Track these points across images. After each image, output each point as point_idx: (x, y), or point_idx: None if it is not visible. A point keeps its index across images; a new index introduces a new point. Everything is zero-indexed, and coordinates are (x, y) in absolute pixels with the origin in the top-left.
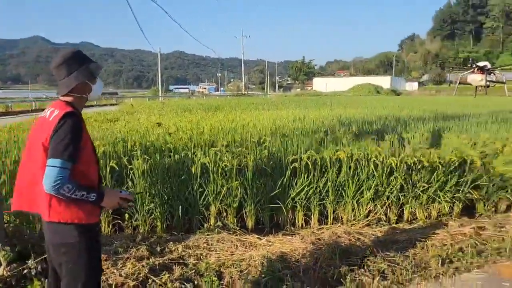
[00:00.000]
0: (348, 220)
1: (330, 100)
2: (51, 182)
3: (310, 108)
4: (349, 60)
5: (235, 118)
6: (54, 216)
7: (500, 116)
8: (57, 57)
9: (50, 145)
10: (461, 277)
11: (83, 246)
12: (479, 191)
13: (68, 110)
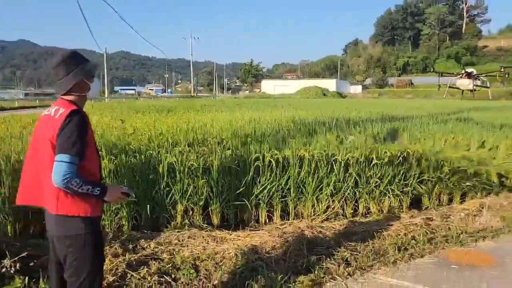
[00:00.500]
0: (308, 216)
1: (280, 102)
2: (61, 177)
3: (263, 110)
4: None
5: (191, 120)
6: (62, 209)
7: (440, 118)
8: (56, 57)
9: (58, 141)
10: (416, 262)
11: (88, 238)
12: (425, 185)
13: (74, 108)
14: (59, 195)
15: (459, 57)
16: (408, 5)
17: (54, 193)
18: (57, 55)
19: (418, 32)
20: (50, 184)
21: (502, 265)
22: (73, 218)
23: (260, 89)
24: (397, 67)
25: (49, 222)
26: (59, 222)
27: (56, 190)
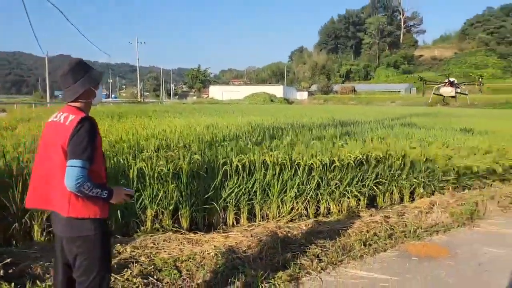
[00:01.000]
0: (274, 217)
1: (231, 108)
2: (74, 181)
3: (217, 116)
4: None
5: (147, 125)
6: (73, 212)
7: (386, 123)
8: (63, 66)
9: (69, 147)
10: (380, 255)
11: (98, 238)
12: (381, 186)
13: (83, 115)
14: (71, 198)
15: (398, 65)
16: (349, 15)
17: (65, 196)
18: (64, 64)
19: (359, 41)
20: (61, 188)
21: (455, 256)
22: (84, 220)
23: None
24: (341, 74)
25: (58, 224)
26: (70, 224)
27: (68, 193)
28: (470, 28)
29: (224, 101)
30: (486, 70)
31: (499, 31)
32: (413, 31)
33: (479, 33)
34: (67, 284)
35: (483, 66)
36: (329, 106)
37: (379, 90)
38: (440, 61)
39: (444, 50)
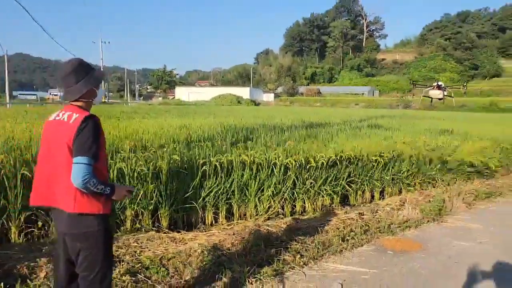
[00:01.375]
0: (251, 216)
1: (200, 109)
2: (80, 177)
3: (186, 117)
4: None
5: (118, 126)
6: (78, 208)
7: (353, 125)
8: (66, 66)
9: (74, 144)
10: (358, 250)
11: (101, 234)
12: (353, 185)
13: (88, 113)
14: (76, 195)
15: (361, 68)
16: (314, 19)
17: (71, 193)
18: (64, 64)
19: (324, 44)
20: (66, 185)
21: (427, 249)
22: (88, 216)
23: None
24: (306, 77)
25: (62, 221)
26: (74, 220)
27: (74, 190)
28: (429, 33)
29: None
30: (444, 74)
31: (456, 37)
32: (375, 36)
33: (437, 39)
34: (68, 280)
35: (442, 70)
36: (296, 107)
37: (343, 92)
38: (401, 64)
39: (405, 54)
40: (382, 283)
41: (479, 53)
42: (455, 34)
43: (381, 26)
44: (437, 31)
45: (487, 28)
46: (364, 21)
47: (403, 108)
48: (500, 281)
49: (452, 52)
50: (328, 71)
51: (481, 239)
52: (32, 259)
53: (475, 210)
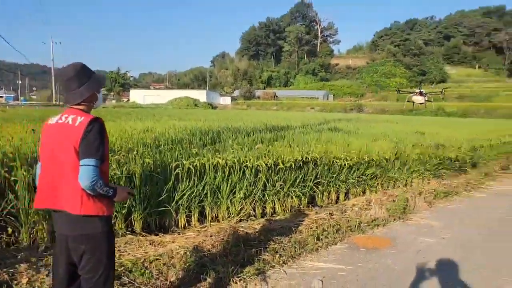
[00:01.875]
0: (223, 218)
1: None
2: (89, 179)
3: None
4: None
5: None
6: (85, 210)
7: (314, 128)
8: (68, 70)
9: (81, 147)
10: (332, 248)
11: (105, 235)
12: (320, 186)
13: (93, 116)
14: (83, 197)
15: (316, 72)
16: (270, 23)
17: (77, 195)
18: (66, 67)
19: (279, 49)
20: (72, 187)
21: (396, 246)
22: (94, 218)
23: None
24: (262, 80)
25: (65, 223)
26: (79, 222)
27: (80, 192)
28: (380, 40)
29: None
30: (395, 79)
31: (404, 44)
32: (329, 41)
33: (388, 45)
34: (68, 282)
35: (392, 76)
36: (253, 111)
37: (299, 96)
38: (354, 69)
39: (357, 59)
40: (358, 279)
41: (426, 60)
42: (404, 41)
43: (335, 32)
44: (387, 38)
45: (433, 36)
46: (318, 26)
47: (357, 112)
48: (463, 271)
49: (401, 58)
50: (284, 75)
51: (444, 235)
52: (10, 265)
53: (436, 209)
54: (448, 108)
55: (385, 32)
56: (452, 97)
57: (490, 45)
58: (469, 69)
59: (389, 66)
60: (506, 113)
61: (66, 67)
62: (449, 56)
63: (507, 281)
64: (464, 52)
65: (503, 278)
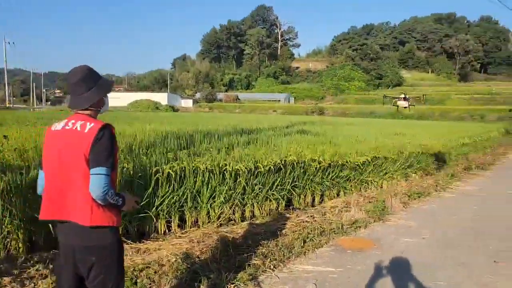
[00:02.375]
0: (204, 223)
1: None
2: (101, 189)
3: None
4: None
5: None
6: (95, 221)
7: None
8: (75, 73)
9: (92, 154)
10: (319, 250)
11: (115, 246)
12: (297, 189)
13: (103, 122)
14: (93, 207)
15: (277, 76)
16: (231, 26)
17: (87, 205)
18: (74, 71)
19: (241, 51)
20: (82, 197)
21: (380, 247)
22: (104, 228)
23: None
24: (224, 83)
25: (73, 234)
26: (89, 233)
27: (90, 202)
28: (338, 44)
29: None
30: (353, 82)
31: (362, 48)
32: (289, 44)
33: (346, 49)
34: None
35: (351, 79)
36: (217, 114)
37: (261, 99)
38: (314, 73)
39: (317, 63)
40: (350, 281)
41: (383, 64)
42: (362, 45)
43: (295, 36)
44: (345, 42)
45: (389, 41)
46: (278, 30)
47: (318, 115)
48: (447, 270)
49: (359, 62)
50: (246, 78)
51: (423, 235)
52: None
53: (411, 209)
54: (404, 111)
55: (343, 37)
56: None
57: (442, 50)
58: (423, 73)
59: (348, 70)
60: (458, 116)
61: (73, 70)
62: (404, 60)
63: (492, 279)
64: (418, 57)
65: (488, 276)
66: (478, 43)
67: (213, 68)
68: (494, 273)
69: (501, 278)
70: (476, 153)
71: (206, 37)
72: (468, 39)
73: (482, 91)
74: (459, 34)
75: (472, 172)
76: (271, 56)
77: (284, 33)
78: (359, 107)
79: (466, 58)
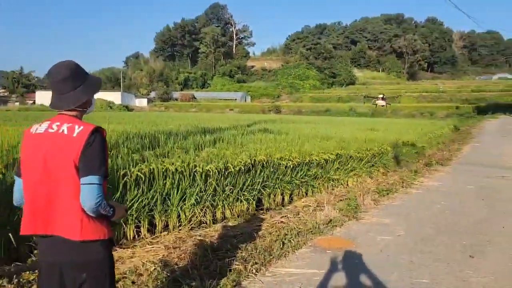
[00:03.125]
0: (174, 227)
1: None
2: (93, 200)
3: None
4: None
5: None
6: (85, 235)
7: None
8: (61, 69)
9: (82, 162)
10: (299, 252)
11: (107, 261)
12: (267, 189)
13: (94, 125)
14: (83, 220)
15: (233, 74)
16: (185, 24)
17: (77, 218)
18: (58, 66)
19: (196, 50)
20: (70, 209)
21: (359, 246)
22: (95, 242)
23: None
24: (179, 82)
25: (61, 250)
26: (78, 248)
27: (80, 214)
28: (292, 43)
29: None
30: (308, 81)
31: (316, 47)
32: (244, 43)
33: (300, 48)
34: None
35: (305, 78)
36: (173, 113)
37: (217, 98)
38: (269, 72)
39: (272, 62)
40: (335, 282)
41: (336, 63)
42: (315, 44)
43: (249, 34)
44: (299, 41)
45: (341, 40)
46: (233, 28)
47: (275, 113)
48: (426, 266)
49: (313, 61)
50: (201, 76)
51: (398, 232)
52: None
53: (382, 207)
54: (359, 108)
55: (297, 36)
56: (362, 98)
57: (392, 50)
58: (374, 72)
59: (302, 69)
60: (409, 113)
61: (57, 66)
62: (356, 59)
63: (471, 274)
64: (369, 56)
65: (467, 272)
66: (425, 43)
67: (167, 67)
68: (472, 268)
69: (479, 273)
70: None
71: (159, 35)
72: (415, 39)
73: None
74: (407, 34)
75: (433, 168)
76: (226, 55)
77: (239, 31)
78: (315, 105)
79: (414, 57)
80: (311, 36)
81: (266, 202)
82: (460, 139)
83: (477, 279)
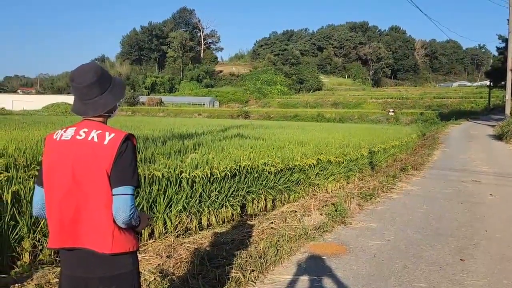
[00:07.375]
0: (160, 234)
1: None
2: (126, 211)
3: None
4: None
5: None
6: (116, 247)
7: (222, 135)
8: (87, 74)
9: (114, 171)
10: (294, 258)
11: (135, 273)
12: (252, 194)
13: (125, 132)
14: (114, 231)
15: (201, 79)
16: (152, 28)
17: (108, 230)
18: (83, 70)
19: (163, 54)
20: (101, 220)
21: (352, 251)
22: (125, 255)
23: None
24: (146, 86)
25: (87, 264)
26: (108, 262)
27: (111, 226)
28: (260, 48)
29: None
30: (276, 87)
31: (283, 53)
32: (212, 48)
33: (268, 54)
34: None
35: (273, 83)
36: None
37: (185, 103)
38: (237, 77)
39: (241, 67)
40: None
41: (303, 69)
42: (283, 50)
43: (217, 39)
44: (267, 47)
45: (308, 47)
46: (201, 33)
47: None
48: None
49: (281, 67)
50: (169, 81)
51: (387, 237)
52: None
53: (366, 211)
54: (326, 114)
55: (265, 42)
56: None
57: (357, 57)
58: (340, 79)
59: (270, 74)
60: (375, 118)
61: (81, 70)
62: (322, 66)
63: (465, 277)
64: (335, 62)
65: (461, 275)
66: (389, 51)
67: (134, 71)
68: (465, 272)
69: (472, 276)
70: (402, 154)
71: (126, 39)
72: (380, 47)
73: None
74: (372, 42)
75: (409, 173)
76: (194, 60)
77: (207, 36)
78: (283, 110)
79: (379, 64)
80: (279, 42)
81: (250, 208)
82: (429, 144)
83: (472, 282)
